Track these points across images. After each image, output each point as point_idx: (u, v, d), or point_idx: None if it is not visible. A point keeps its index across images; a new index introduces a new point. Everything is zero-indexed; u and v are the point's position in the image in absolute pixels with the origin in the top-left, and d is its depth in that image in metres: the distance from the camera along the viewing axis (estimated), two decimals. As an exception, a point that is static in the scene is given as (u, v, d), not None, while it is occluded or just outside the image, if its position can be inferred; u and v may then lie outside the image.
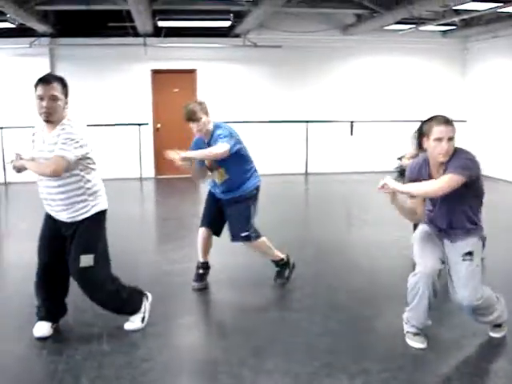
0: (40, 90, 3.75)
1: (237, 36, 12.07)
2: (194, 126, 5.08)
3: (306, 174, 12.69)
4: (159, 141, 12.62)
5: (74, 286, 4.48)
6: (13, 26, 10.40)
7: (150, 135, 12.48)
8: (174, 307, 4.75)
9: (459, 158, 3.54)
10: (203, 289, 5.09)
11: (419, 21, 10.88)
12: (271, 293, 5.07)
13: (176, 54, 12.13)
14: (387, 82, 12.89)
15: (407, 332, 3.92)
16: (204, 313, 4.69)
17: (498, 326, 3.98)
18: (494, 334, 3.99)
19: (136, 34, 11.56)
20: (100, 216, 3.97)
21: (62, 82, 3.85)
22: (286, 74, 12.39)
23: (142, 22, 10.18)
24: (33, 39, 11.45)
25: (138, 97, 12.11)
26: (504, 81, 11.26)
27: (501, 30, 10.69)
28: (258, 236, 5.01)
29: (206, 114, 5.05)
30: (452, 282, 3.73)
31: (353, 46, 12.52)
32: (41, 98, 3.75)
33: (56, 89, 3.78)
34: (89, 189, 3.88)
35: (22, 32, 11.03)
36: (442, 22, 10.77)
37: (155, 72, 12.36)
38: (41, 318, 4.06)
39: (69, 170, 3.74)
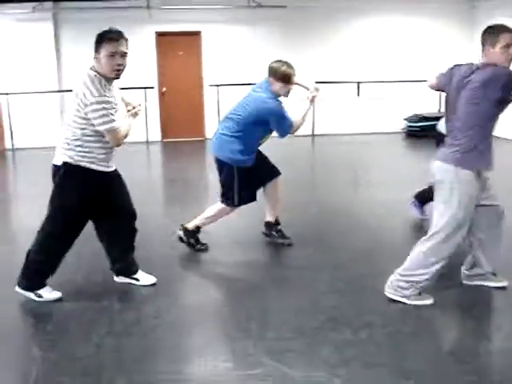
0: (112, 47, 3.72)
1: (241, -3, 11.95)
2: (291, 88, 5.04)
3: (313, 135, 12.66)
4: (165, 104, 12.63)
5: (86, 248, 4.59)
6: (15, -11, 10.33)
7: (156, 99, 12.47)
8: (181, 268, 4.84)
9: None
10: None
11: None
12: (276, 252, 5.13)
13: (180, 16, 12.02)
14: (393, 42, 12.76)
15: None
16: (211, 273, 4.77)
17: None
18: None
19: (139, -4, 11.48)
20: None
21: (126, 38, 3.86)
22: (291, 35, 12.27)
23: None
24: (35, 4, 11.35)
25: (143, 60, 12.05)
26: None
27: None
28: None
29: None
30: None
31: (358, 6, 12.36)
32: (112, 55, 3.72)
33: (125, 46, 3.80)
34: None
35: (24, -4, 10.96)
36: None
37: (160, 35, 12.28)
38: None
39: None
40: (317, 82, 12.29)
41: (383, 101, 12.92)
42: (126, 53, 3.79)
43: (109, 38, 3.72)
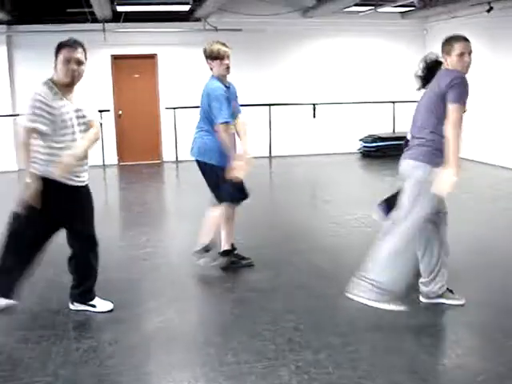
0: (67, 53, 3.82)
1: (197, 20, 12.00)
2: (226, 63, 4.88)
3: (270, 157, 12.73)
4: (121, 127, 12.54)
5: (41, 276, 4.48)
6: (-33, 13, 10.17)
7: (112, 121, 12.36)
8: (139, 292, 4.77)
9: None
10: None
11: (378, 2, 10.98)
12: (236, 273, 5.11)
13: (136, 39, 12.00)
14: (348, 63, 12.98)
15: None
16: (169, 296, 4.71)
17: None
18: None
19: (95, 20, 11.40)
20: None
21: (84, 48, 3.95)
22: (247, 58, 12.34)
23: (101, 7, 10.04)
24: (-12, 26, 11.21)
25: (99, 83, 11.96)
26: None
27: (459, 11, 10.83)
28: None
29: None
30: None
31: (313, 29, 12.55)
32: (68, 60, 3.80)
33: (81, 53, 3.89)
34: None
35: (-24, 19, 10.79)
36: (400, 4, 10.88)
37: (115, 58, 12.23)
38: None
39: None
40: (273, 104, 12.52)
41: (339, 122, 13.09)
42: (81, 60, 3.87)
43: (65, 45, 3.86)
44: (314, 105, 12.82)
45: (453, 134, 3.65)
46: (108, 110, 12.09)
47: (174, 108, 12.10)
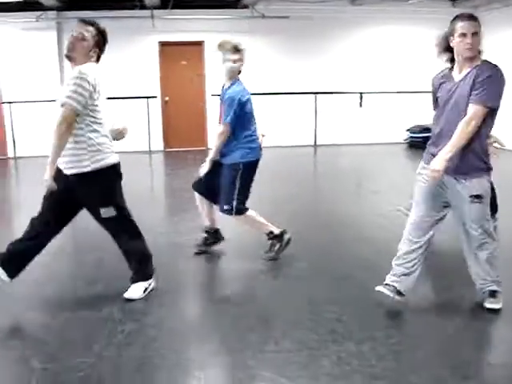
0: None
1: (244, 7, 11.98)
2: (234, 58, 4.97)
3: (315, 145, 12.66)
4: (168, 114, 12.64)
5: (88, 259, 4.56)
6: (19, -1, 10.37)
7: (159, 108, 12.48)
8: (183, 278, 4.81)
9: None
10: (202, 253, 5.20)
11: (428, -11, 10.77)
12: (278, 262, 5.10)
13: (183, 26, 12.05)
14: (396, 52, 12.78)
15: None
16: (211, 283, 4.74)
17: (493, 295, 3.98)
18: (490, 305, 3.96)
19: (143, 7, 11.49)
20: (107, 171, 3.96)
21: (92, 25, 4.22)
22: (293, 45, 12.29)
23: (149, -7, 10.13)
24: (39, 13, 11.40)
25: (146, 70, 12.08)
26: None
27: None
28: (240, 212, 4.93)
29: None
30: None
31: (361, 16, 12.39)
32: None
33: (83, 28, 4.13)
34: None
35: (28, 6, 10.98)
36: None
37: (163, 44, 12.31)
38: None
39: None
40: (319, 93, 12.43)
41: (385, 111, 12.92)
42: (79, 33, 4.07)
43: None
44: (360, 94, 12.68)
45: None
46: (155, 97, 12.22)
47: (219, 95, 12.11)
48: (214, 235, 5.27)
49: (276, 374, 3.17)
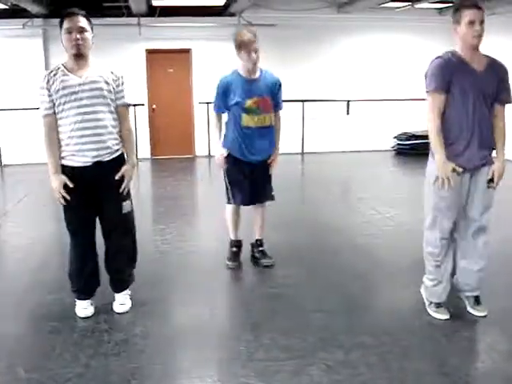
0: (67, 23, 3.79)
1: (232, 15, 11.99)
2: (250, 52, 4.93)
3: (303, 153, 12.68)
4: (155, 121, 12.61)
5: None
6: (6, 6, 10.30)
7: (146, 116, 12.44)
8: (170, 286, 4.78)
9: None
10: (237, 268, 5.11)
11: (415, -2, 10.84)
12: (264, 271, 5.07)
13: (170, 34, 12.04)
14: (383, 60, 12.84)
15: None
16: (199, 291, 4.71)
17: (478, 301, 4.01)
18: (476, 313, 3.98)
19: (130, 14, 11.47)
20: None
21: (86, 17, 3.89)
22: (280, 53, 12.29)
23: (136, 1, 10.10)
24: (26, 20, 11.33)
25: (133, 77, 12.02)
26: (501, 59, 11.18)
27: (498, 8, 10.62)
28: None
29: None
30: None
31: (348, 24, 12.43)
32: (70, 32, 3.77)
33: (83, 22, 3.82)
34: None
35: (14, 13, 10.92)
36: (437, 0, 10.71)
37: (150, 52, 12.29)
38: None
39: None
40: (306, 100, 12.45)
41: (373, 119, 12.97)
42: (83, 27, 3.79)
43: (65, 16, 3.81)
44: (347, 101, 12.71)
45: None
46: (142, 104, 12.17)
47: (208, 103, 12.10)
48: (240, 246, 5.26)
49: (265, 383, 3.15)
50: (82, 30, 3.76)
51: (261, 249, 5.19)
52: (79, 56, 3.81)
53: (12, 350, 3.65)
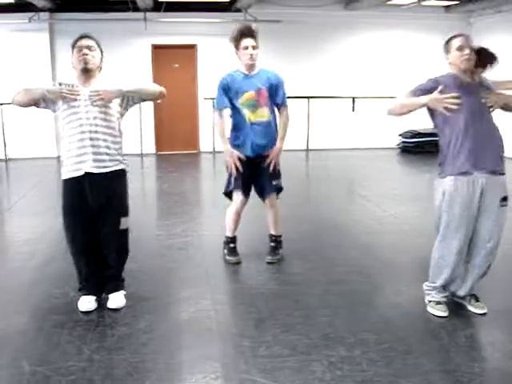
0: (79, 42, 3.93)
1: (237, 10, 11.98)
2: (249, 45, 5.10)
3: (307, 150, 12.67)
4: (160, 117, 12.62)
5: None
6: (12, 0, 10.32)
7: (151, 111, 12.44)
8: (174, 281, 4.79)
9: None
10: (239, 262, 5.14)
11: (422, -5, 10.82)
12: (269, 266, 5.09)
13: (176, 29, 12.05)
14: (389, 57, 12.82)
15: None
16: (204, 287, 4.72)
17: (477, 299, 4.02)
18: (477, 310, 4.00)
19: (136, 9, 11.47)
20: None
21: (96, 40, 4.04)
22: (286, 50, 12.30)
23: (142, -4, 10.12)
24: (32, 14, 11.36)
25: (139, 72, 12.04)
26: (509, 57, 11.12)
27: (505, 5, 10.58)
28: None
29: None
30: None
31: (355, 21, 12.42)
32: (80, 49, 3.89)
33: (91, 41, 3.97)
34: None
35: (21, 7, 10.95)
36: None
37: (155, 47, 12.30)
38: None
39: None
40: (312, 97, 12.43)
41: (378, 116, 12.95)
42: (92, 46, 3.92)
43: (78, 38, 3.98)
44: (353, 98, 12.70)
45: None
46: (147, 100, 12.15)
47: (213, 99, 12.09)
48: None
49: (267, 379, 3.15)
50: (90, 48, 3.90)
51: (272, 244, 5.21)
52: (87, 71, 3.93)
53: (16, 343, 3.67)
